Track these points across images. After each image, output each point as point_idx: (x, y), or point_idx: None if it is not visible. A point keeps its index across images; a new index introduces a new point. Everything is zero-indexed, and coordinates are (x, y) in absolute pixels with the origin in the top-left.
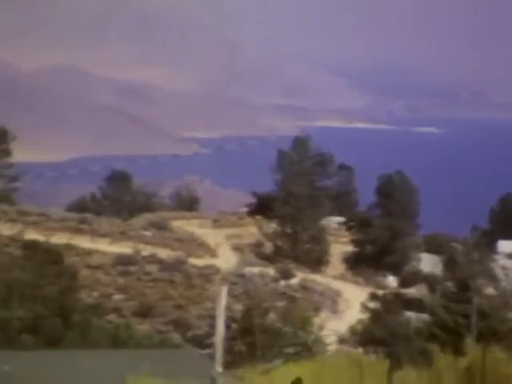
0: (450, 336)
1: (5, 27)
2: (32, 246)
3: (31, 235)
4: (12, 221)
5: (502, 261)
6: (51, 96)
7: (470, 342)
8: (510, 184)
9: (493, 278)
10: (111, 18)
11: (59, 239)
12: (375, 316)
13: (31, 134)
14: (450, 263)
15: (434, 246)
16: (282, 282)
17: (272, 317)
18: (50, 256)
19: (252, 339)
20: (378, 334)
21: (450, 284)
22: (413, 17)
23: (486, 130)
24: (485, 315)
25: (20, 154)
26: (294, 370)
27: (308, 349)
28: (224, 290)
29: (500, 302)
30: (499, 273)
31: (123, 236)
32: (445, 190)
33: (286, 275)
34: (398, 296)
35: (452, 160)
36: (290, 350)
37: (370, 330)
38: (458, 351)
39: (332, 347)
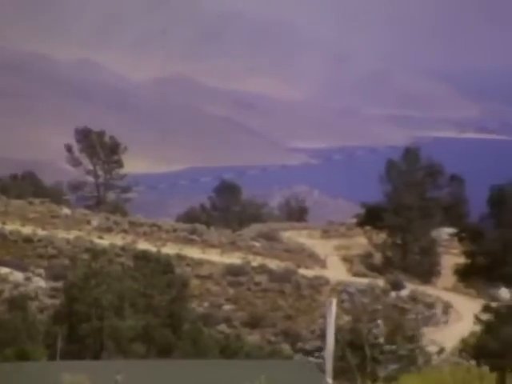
0: None
1: (116, 40)
2: (143, 257)
3: (142, 246)
4: (124, 231)
5: None
6: (163, 107)
7: None
8: None
9: None
10: (223, 30)
11: (170, 250)
12: (488, 328)
13: (143, 145)
14: None
15: None
16: (392, 294)
17: (381, 329)
18: (161, 266)
19: (361, 351)
20: (491, 347)
21: None
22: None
23: None
24: None
25: (132, 166)
26: (409, 382)
27: (414, 361)
28: (334, 301)
29: None
30: None
31: (233, 246)
32: None
33: (396, 286)
34: None
35: None
36: (397, 363)
37: (482, 343)
38: None
39: (443, 359)
